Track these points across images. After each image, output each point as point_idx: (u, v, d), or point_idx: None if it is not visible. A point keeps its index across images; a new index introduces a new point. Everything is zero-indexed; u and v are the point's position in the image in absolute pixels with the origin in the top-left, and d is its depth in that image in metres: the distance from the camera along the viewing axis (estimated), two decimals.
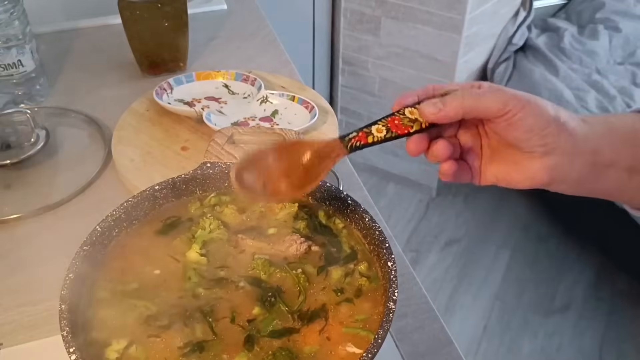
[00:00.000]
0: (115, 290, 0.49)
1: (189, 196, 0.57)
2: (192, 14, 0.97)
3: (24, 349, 0.58)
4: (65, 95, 0.93)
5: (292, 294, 0.49)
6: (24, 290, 0.64)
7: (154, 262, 0.52)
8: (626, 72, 2.08)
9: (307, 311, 0.48)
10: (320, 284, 0.50)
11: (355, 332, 0.47)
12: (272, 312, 0.48)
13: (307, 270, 0.51)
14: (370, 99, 2.20)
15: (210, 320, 0.47)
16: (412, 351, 0.60)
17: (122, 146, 0.79)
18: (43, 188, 0.77)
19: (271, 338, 0.46)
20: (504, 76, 2.07)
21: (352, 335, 0.46)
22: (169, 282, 0.50)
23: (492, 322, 1.90)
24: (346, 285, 0.50)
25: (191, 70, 0.97)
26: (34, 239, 0.71)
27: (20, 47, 0.85)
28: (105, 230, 0.52)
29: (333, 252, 0.53)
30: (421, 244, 2.13)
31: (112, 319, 0.47)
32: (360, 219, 0.54)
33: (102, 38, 1.05)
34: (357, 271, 0.51)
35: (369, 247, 0.53)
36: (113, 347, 0.45)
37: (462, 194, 2.34)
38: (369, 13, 1.93)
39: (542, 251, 2.07)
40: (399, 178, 2.34)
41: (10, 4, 0.82)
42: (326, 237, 0.54)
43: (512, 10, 2.02)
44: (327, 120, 0.84)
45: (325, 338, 0.46)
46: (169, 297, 0.49)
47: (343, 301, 0.49)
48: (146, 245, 0.53)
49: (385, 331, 0.44)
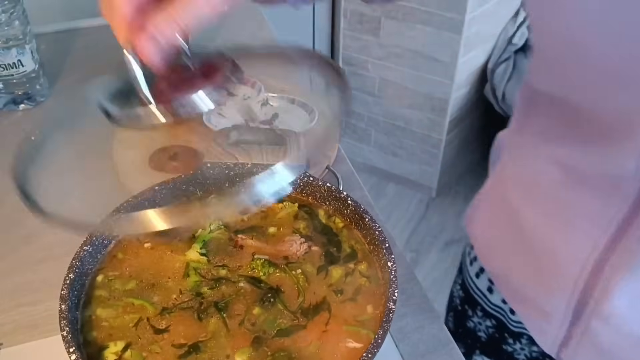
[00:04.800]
0: (115, 290, 0.49)
1: (189, 197, 0.58)
2: None
3: (24, 349, 0.58)
4: (65, 95, 0.93)
5: (292, 294, 0.49)
6: (24, 290, 0.64)
7: (154, 261, 0.52)
8: None
9: (308, 307, 0.48)
10: (320, 284, 0.50)
11: (356, 330, 0.47)
12: (272, 312, 0.48)
13: (307, 270, 0.51)
14: (370, 99, 2.20)
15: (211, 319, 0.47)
16: (412, 351, 0.60)
17: (122, 147, 0.79)
18: None
19: (278, 337, 0.46)
20: (504, 76, 2.07)
21: (352, 333, 0.47)
22: (169, 282, 0.50)
23: None
24: (346, 285, 0.50)
25: None
26: (34, 238, 0.71)
27: (20, 47, 0.85)
28: (105, 230, 0.52)
29: (333, 252, 0.53)
30: (421, 244, 2.13)
31: (111, 318, 0.47)
32: (360, 219, 0.54)
33: (102, 38, 1.05)
34: (357, 271, 0.51)
35: (369, 247, 0.53)
36: (111, 349, 0.45)
37: (462, 194, 2.34)
38: (369, 13, 1.94)
39: None
40: (399, 178, 2.35)
41: (10, 4, 0.82)
42: (326, 236, 0.54)
43: (512, 11, 2.02)
44: None
45: (326, 335, 0.46)
46: (169, 296, 0.49)
47: (343, 301, 0.49)
48: (146, 245, 0.53)
49: (385, 331, 0.44)
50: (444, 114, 2.08)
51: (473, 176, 2.40)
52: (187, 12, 0.39)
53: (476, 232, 0.68)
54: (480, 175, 2.79)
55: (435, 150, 2.18)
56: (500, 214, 0.62)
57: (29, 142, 0.47)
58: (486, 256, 0.66)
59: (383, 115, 2.22)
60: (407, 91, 2.10)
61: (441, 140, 2.14)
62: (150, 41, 0.39)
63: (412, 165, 2.28)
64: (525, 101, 0.58)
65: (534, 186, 0.56)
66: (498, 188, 0.64)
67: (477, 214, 0.68)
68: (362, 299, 0.49)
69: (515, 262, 0.60)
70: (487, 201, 0.67)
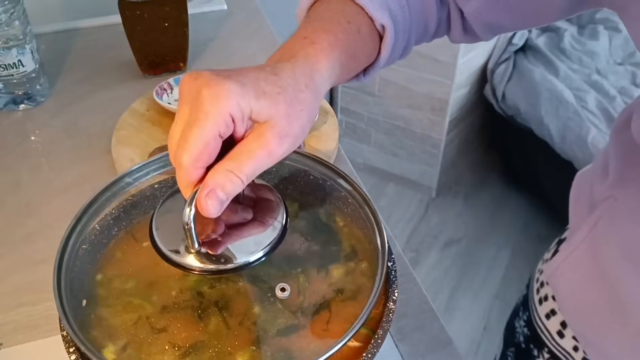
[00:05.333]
0: (114, 289, 0.49)
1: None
2: (192, 14, 0.97)
3: (24, 349, 0.58)
4: (65, 95, 0.93)
5: (292, 294, 0.49)
6: (24, 290, 0.64)
7: (153, 260, 0.52)
8: (626, 72, 2.08)
9: (308, 306, 0.48)
10: (321, 283, 0.50)
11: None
12: (272, 312, 0.48)
13: (307, 270, 0.51)
14: (370, 99, 2.20)
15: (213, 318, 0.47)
16: (412, 351, 0.60)
17: (122, 146, 0.79)
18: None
19: (279, 337, 0.46)
20: (504, 76, 2.07)
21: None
22: (169, 280, 0.50)
23: (492, 322, 1.90)
24: (347, 284, 0.50)
25: (191, 70, 0.97)
26: (34, 238, 0.71)
27: (21, 47, 0.85)
28: (104, 229, 0.52)
29: (333, 251, 0.53)
30: (421, 244, 2.13)
31: (110, 317, 0.47)
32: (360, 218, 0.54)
33: (102, 38, 1.05)
34: (357, 270, 0.51)
35: (369, 246, 0.53)
36: (110, 348, 0.45)
37: (462, 194, 2.34)
38: None
39: (542, 251, 2.07)
40: (399, 178, 2.35)
41: (10, 4, 0.82)
42: (326, 235, 0.54)
43: None
44: (327, 121, 0.84)
45: (327, 335, 0.46)
46: (168, 295, 0.49)
47: (344, 300, 0.49)
48: (145, 244, 0.53)
49: (385, 331, 0.44)
50: (444, 114, 2.08)
51: (473, 176, 2.40)
52: (249, 166, 0.38)
53: (561, 288, 0.63)
54: (480, 175, 2.81)
55: (435, 150, 2.18)
56: (592, 277, 0.57)
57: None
58: (574, 318, 0.62)
59: (383, 115, 2.22)
60: (407, 91, 2.10)
61: (441, 140, 2.14)
62: (211, 196, 0.38)
63: (412, 165, 2.28)
64: (627, 150, 0.53)
65: (638, 253, 0.52)
66: (589, 246, 0.59)
67: (562, 267, 0.63)
68: (363, 298, 0.49)
69: (611, 333, 0.56)
70: (576, 257, 0.61)
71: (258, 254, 0.43)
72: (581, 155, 1.85)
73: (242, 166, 0.38)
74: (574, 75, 2.04)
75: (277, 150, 0.39)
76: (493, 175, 2.39)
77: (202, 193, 0.38)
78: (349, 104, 2.27)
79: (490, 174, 2.39)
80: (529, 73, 2.03)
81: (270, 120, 0.39)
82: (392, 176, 2.35)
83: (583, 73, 2.06)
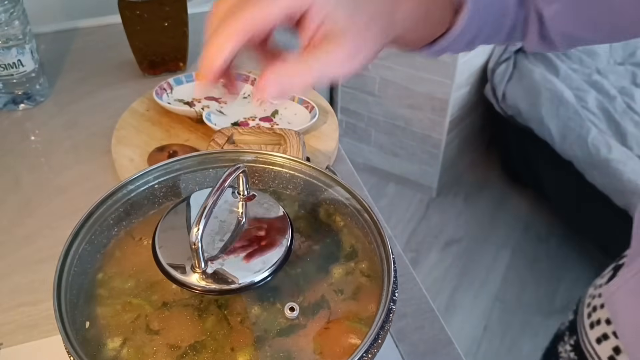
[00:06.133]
0: (114, 288, 0.49)
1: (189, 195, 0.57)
2: (192, 14, 0.97)
3: (24, 349, 0.58)
4: (65, 95, 0.93)
5: (292, 294, 0.49)
6: (24, 290, 0.64)
7: (153, 259, 0.52)
8: (626, 72, 2.08)
9: (308, 306, 0.48)
10: (321, 283, 0.50)
11: (358, 327, 0.47)
12: (272, 312, 0.48)
13: (306, 269, 0.51)
14: (370, 99, 2.20)
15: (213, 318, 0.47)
16: (412, 351, 0.60)
17: (122, 146, 0.79)
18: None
19: (279, 337, 0.46)
20: (504, 76, 2.07)
21: (354, 329, 0.46)
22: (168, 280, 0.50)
23: (492, 322, 1.90)
24: (347, 284, 0.50)
25: (191, 70, 0.97)
26: (34, 238, 0.71)
27: (20, 47, 0.85)
28: (104, 229, 0.52)
29: (333, 251, 0.53)
30: (421, 244, 2.13)
31: (110, 317, 0.47)
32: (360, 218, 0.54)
33: (102, 38, 1.05)
34: (357, 270, 0.51)
35: (369, 245, 0.53)
36: (109, 347, 0.45)
37: (462, 194, 2.34)
38: None
39: (542, 251, 2.07)
40: (399, 178, 2.35)
41: (10, 4, 0.82)
42: (326, 235, 0.54)
43: None
44: (327, 120, 0.84)
45: (327, 334, 0.46)
46: (168, 294, 0.49)
47: (344, 300, 0.49)
48: (145, 243, 0.53)
49: (386, 331, 0.43)
50: (444, 114, 2.08)
51: (473, 176, 2.40)
52: (326, 69, 0.39)
53: (620, 312, 0.62)
54: (480, 175, 2.81)
55: (435, 150, 2.18)
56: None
57: None
58: (632, 343, 0.60)
59: (383, 115, 2.22)
60: (407, 91, 2.10)
61: (441, 140, 2.14)
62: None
63: (412, 165, 2.28)
64: None
65: None
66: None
67: (621, 292, 0.62)
68: (363, 298, 0.49)
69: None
70: (637, 281, 0.60)
71: (263, 274, 0.44)
72: (581, 155, 1.85)
73: (320, 68, 0.39)
74: (574, 75, 2.04)
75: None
76: (493, 175, 2.39)
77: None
78: (349, 104, 2.27)
79: (490, 174, 2.39)
80: (530, 73, 2.03)
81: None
82: (392, 176, 2.35)
83: (583, 73, 2.06)
